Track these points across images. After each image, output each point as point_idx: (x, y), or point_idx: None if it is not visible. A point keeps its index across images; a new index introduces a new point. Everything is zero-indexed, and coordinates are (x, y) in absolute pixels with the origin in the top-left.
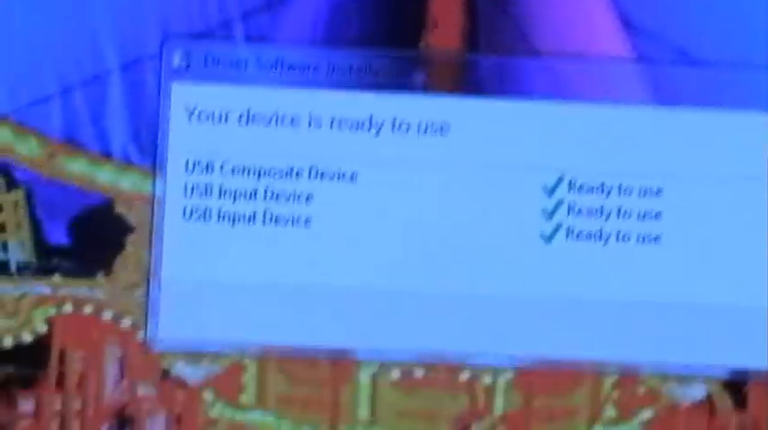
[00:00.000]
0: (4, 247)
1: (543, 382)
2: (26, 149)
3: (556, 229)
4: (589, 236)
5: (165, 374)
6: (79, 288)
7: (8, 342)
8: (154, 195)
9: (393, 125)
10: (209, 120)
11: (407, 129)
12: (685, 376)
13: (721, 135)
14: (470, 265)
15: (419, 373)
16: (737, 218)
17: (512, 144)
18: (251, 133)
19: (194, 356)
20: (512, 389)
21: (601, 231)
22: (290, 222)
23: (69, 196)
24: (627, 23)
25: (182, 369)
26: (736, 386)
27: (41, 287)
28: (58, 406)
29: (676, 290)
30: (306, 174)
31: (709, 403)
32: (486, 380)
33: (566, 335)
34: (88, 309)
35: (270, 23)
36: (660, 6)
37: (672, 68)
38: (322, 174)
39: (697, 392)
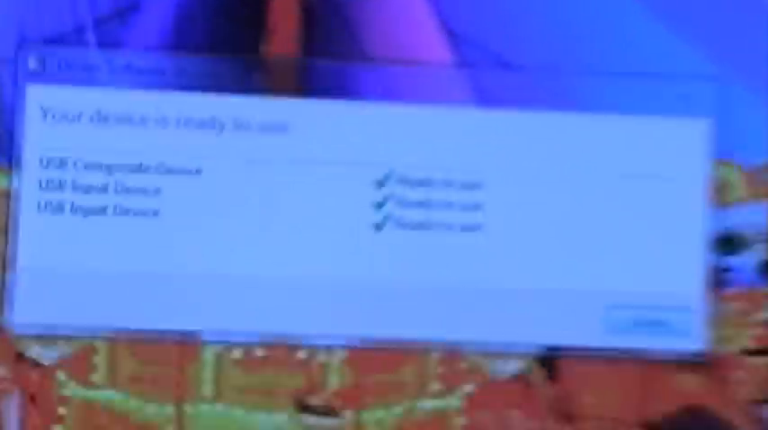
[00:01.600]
0: None
1: (373, 361)
2: None
3: (385, 219)
4: (416, 225)
5: (20, 357)
6: None
7: None
8: (10, 190)
9: (234, 124)
10: (62, 120)
11: (247, 129)
12: (503, 353)
13: (536, 134)
14: (307, 253)
15: (259, 353)
16: (551, 209)
17: (345, 142)
18: (102, 132)
19: (48, 340)
20: (344, 366)
21: (427, 221)
22: (138, 214)
23: None
24: (449, 31)
25: (36, 351)
26: (549, 361)
27: None
28: None
29: (495, 275)
30: (153, 169)
31: (524, 377)
32: (321, 358)
33: (394, 317)
34: None
35: (120, 30)
36: (478, 15)
37: (489, 72)
38: (169, 169)
39: (514, 367)
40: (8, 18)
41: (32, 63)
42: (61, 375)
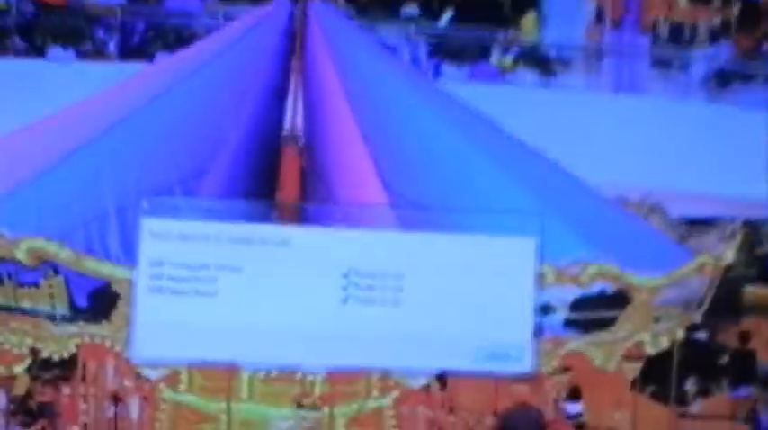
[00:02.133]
0: (53, 307)
1: (340, 379)
2: (64, 255)
3: (348, 296)
4: (366, 300)
5: (138, 375)
6: (92, 328)
7: (56, 357)
8: (132, 279)
9: (260, 241)
10: (161, 238)
11: (267, 243)
12: (415, 374)
13: (429, 245)
14: (302, 315)
15: (274, 374)
16: (442, 288)
17: (323, 251)
18: (184, 246)
19: (154, 366)
20: (324, 381)
21: (371, 298)
22: (203, 295)
23: (87, 280)
24: (385, 185)
25: (147, 372)
26: (443, 378)
27: (73, 328)
28: (81, 390)
29: (411, 329)
30: (213, 267)
31: (427, 387)
32: (310, 378)
33: (352, 354)
34: (97, 340)
35: (195, 186)
36: (401, 179)
37: (405, 210)
38: (221, 267)
39: (422, 381)
40: (127, 180)
41: (144, 205)
42: (162, 385)
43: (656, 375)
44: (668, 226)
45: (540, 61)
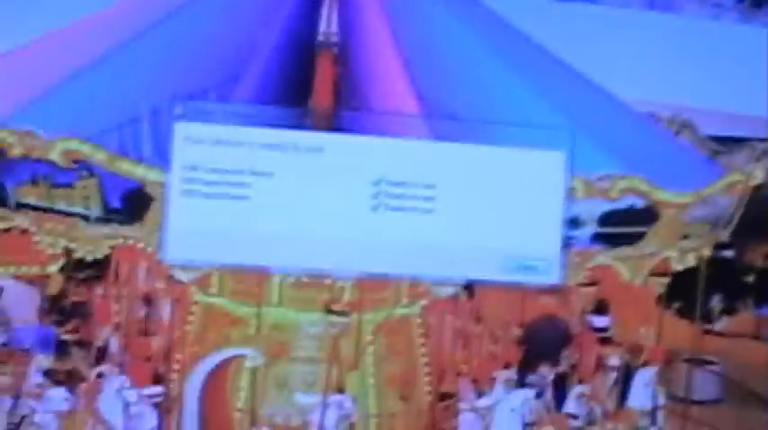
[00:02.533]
0: (87, 208)
1: (370, 285)
2: (99, 156)
3: (378, 205)
4: (396, 208)
5: (171, 277)
6: (125, 230)
7: (89, 257)
8: (165, 182)
9: (293, 147)
10: (195, 143)
11: (299, 149)
12: (444, 282)
13: (462, 155)
14: (334, 222)
15: (305, 279)
16: (476, 199)
17: (356, 158)
18: (217, 150)
19: (186, 268)
20: (354, 288)
21: (402, 206)
22: (236, 198)
23: (121, 182)
24: (418, 95)
25: (179, 274)
26: (470, 287)
27: (106, 229)
28: (114, 291)
29: (443, 239)
30: (246, 172)
31: (455, 296)
32: (339, 283)
33: (382, 261)
34: (130, 241)
35: (229, 91)
36: (434, 87)
37: (437, 120)
38: (254, 172)
39: (450, 290)
40: (161, 84)
41: (178, 110)
42: (193, 288)
43: (682, 292)
44: (699, 142)
45: None
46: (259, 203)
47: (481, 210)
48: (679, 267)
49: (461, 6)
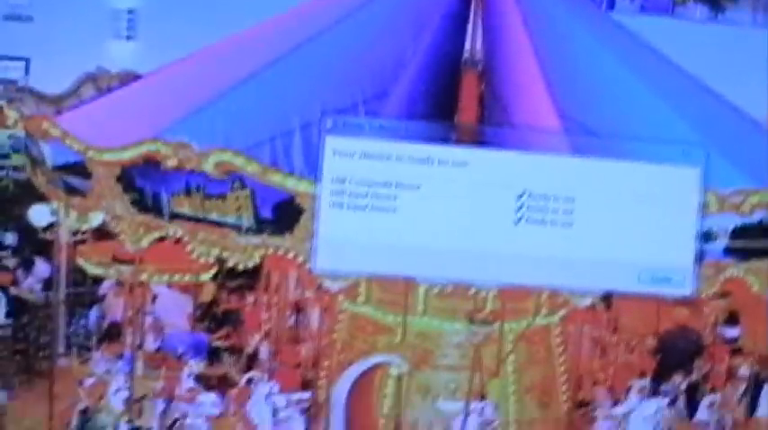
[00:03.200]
0: (239, 218)
1: (511, 295)
2: (251, 168)
3: (521, 218)
4: (539, 222)
5: (319, 287)
6: (276, 240)
7: (241, 266)
8: (315, 194)
9: (439, 161)
10: (343, 156)
11: (446, 164)
12: (583, 293)
13: (600, 171)
14: (479, 236)
15: (449, 289)
16: (613, 213)
17: (501, 173)
18: (365, 163)
19: (334, 278)
20: (496, 298)
21: (543, 220)
22: (382, 210)
23: (272, 193)
24: (558, 111)
25: (328, 283)
26: (608, 298)
27: (257, 239)
28: (265, 299)
29: (582, 252)
30: (394, 185)
31: (593, 307)
32: (482, 294)
33: (524, 272)
34: (281, 251)
35: (377, 107)
36: (575, 106)
37: (577, 137)
38: (400, 185)
39: (588, 301)
40: (312, 98)
41: (328, 124)
42: (341, 297)
43: None
44: None
45: None
46: (405, 215)
47: (618, 223)
48: None
49: (600, 26)
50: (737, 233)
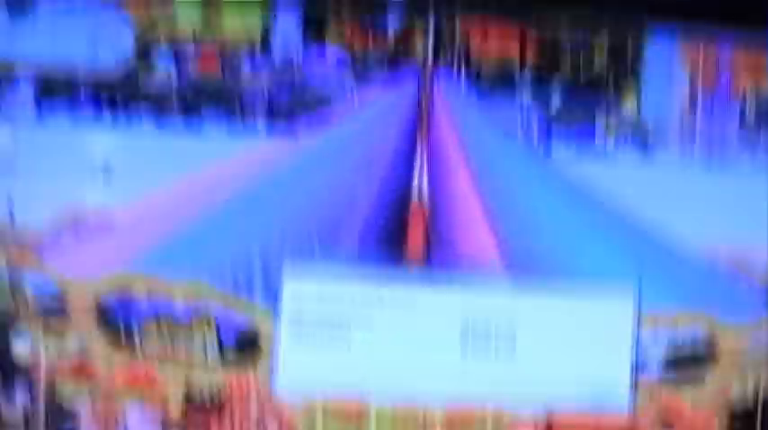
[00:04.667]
0: (204, 347)
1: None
2: (215, 298)
3: (465, 352)
4: (481, 353)
5: (279, 408)
6: (239, 367)
7: (206, 389)
8: (275, 328)
9: (390, 302)
10: (301, 299)
11: (396, 304)
12: (525, 414)
13: (541, 305)
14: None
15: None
16: (553, 338)
17: (447, 311)
18: (322, 306)
19: (293, 402)
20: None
21: (487, 352)
22: (338, 348)
23: (234, 323)
24: (502, 251)
25: (286, 407)
26: (549, 418)
27: (221, 366)
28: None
29: (520, 377)
30: (348, 326)
31: (535, 426)
32: (430, 415)
33: (468, 396)
34: (243, 377)
35: (333, 242)
36: (521, 245)
37: (520, 275)
38: (358, 326)
39: (530, 421)
40: (271, 232)
41: (286, 268)
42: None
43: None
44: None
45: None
46: (358, 353)
47: (558, 354)
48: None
49: (539, 170)
50: (671, 359)
